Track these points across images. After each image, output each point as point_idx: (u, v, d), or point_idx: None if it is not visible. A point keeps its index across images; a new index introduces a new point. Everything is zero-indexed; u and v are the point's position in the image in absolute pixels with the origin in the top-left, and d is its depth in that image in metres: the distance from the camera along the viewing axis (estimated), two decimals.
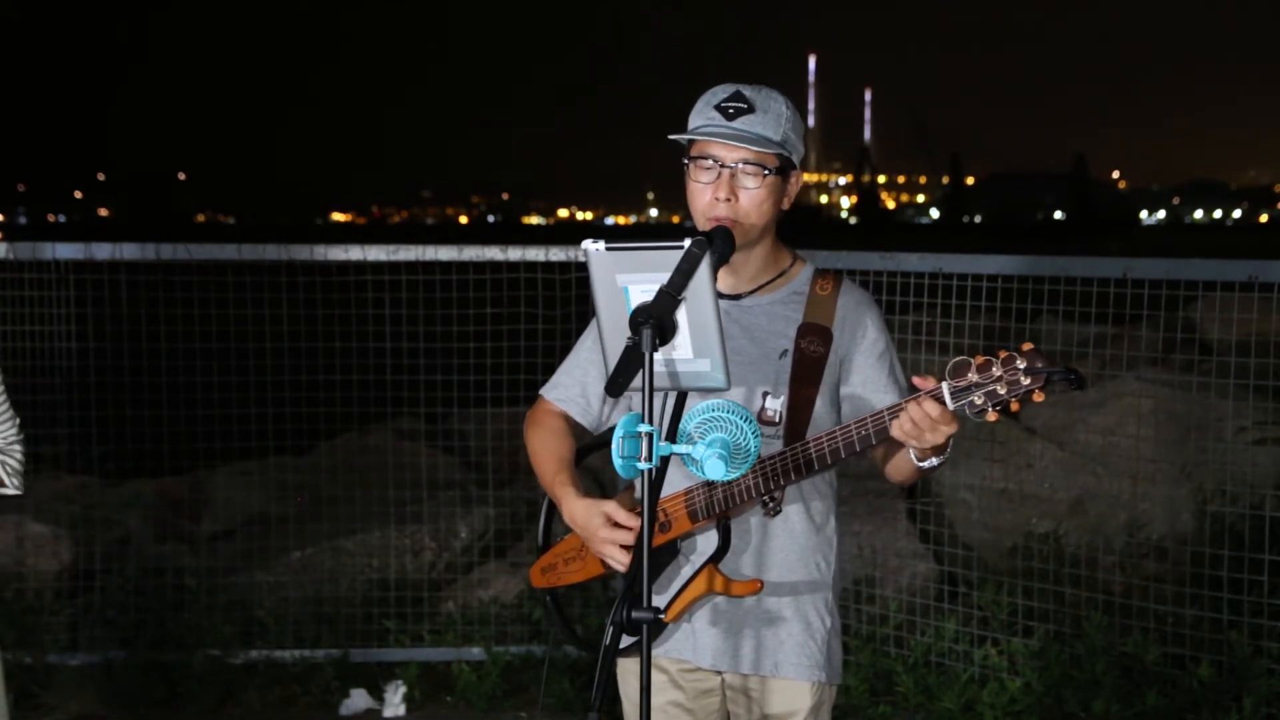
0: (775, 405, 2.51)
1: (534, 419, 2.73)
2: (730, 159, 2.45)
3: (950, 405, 2.20)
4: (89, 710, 4.88)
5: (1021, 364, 2.13)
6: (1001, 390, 2.15)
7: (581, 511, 2.48)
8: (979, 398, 2.17)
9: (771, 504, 2.51)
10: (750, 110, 2.45)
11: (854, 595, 5.02)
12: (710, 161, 2.46)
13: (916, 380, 2.25)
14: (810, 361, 2.51)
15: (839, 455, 2.36)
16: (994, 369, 2.15)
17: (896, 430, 2.26)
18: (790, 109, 2.49)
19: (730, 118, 2.45)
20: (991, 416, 2.18)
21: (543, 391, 2.75)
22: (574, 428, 2.70)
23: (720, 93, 2.48)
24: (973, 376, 2.17)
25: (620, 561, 2.40)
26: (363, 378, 5.42)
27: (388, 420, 6.49)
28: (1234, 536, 4.68)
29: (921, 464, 2.36)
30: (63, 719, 4.84)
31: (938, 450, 2.32)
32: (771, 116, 2.46)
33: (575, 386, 2.69)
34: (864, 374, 2.55)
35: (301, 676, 5.08)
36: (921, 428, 2.22)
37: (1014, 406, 2.16)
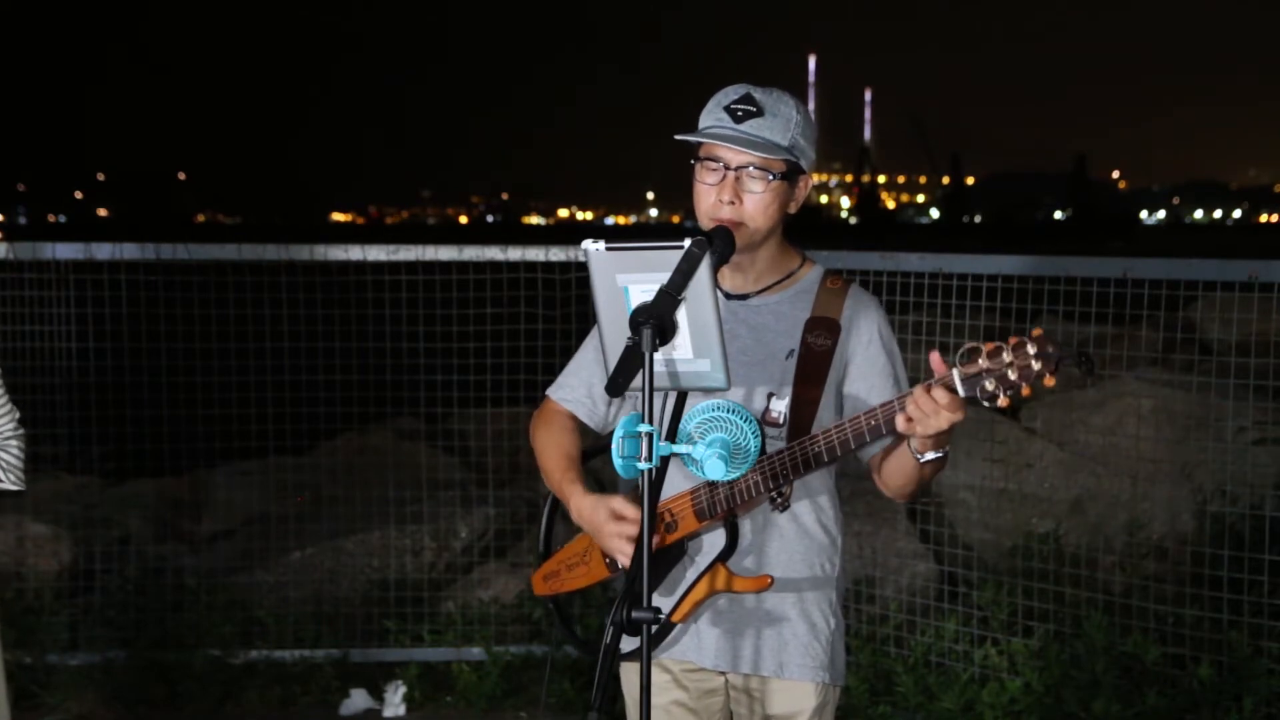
0: (780, 407, 2.49)
1: (540, 419, 2.72)
2: (736, 162, 2.44)
3: (961, 391, 2.17)
4: (89, 710, 4.88)
5: (1032, 349, 2.11)
6: (1013, 375, 2.13)
7: (588, 507, 2.49)
8: (990, 383, 2.14)
9: (780, 499, 2.49)
10: (759, 114, 2.43)
11: (854, 595, 5.02)
12: (717, 163, 2.45)
13: (932, 358, 2.22)
14: (816, 356, 2.50)
15: (848, 447, 2.35)
16: (1004, 354, 2.13)
17: (902, 418, 2.23)
18: (801, 113, 2.47)
19: (739, 120, 2.43)
20: (1004, 402, 2.15)
21: (549, 392, 2.74)
22: (580, 428, 2.69)
23: (731, 94, 2.47)
24: (983, 363, 2.15)
25: (627, 554, 2.39)
26: (363, 378, 5.42)
27: (388, 420, 6.49)
28: (1234, 536, 4.68)
29: (920, 457, 2.30)
30: (63, 719, 4.83)
31: (938, 444, 2.28)
32: (780, 121, 2.44)
33: (581, 387, 2.69)
34: (868, 380, 2.53)
35: (301, 676, 5.08)
36: (925, 412, 2.19)
37: (1025, 391, 2.13)
